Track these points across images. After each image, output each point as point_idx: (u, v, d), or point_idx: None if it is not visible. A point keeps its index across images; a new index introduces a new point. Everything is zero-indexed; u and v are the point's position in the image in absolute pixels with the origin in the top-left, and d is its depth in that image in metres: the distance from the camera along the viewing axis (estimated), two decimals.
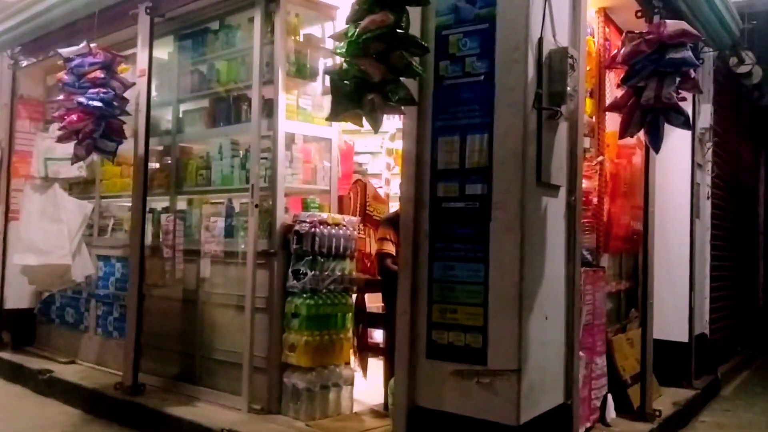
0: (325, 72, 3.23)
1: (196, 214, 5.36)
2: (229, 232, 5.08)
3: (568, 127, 3.59)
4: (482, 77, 3.30)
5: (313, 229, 4.60)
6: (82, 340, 6.48)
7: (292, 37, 4.91)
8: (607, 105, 4.46)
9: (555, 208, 3.51)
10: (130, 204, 6.19)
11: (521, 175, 3.18)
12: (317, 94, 5.07)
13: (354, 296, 5.03)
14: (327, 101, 5.04)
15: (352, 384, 4.81)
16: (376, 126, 3.10)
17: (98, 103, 4.71)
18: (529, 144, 3.21)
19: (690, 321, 5.98)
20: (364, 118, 3.18)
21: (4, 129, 7.17)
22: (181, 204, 5.60)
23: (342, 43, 3.06)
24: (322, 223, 4.66)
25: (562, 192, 3.58)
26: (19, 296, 7.08)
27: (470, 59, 3.34)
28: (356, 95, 3.03)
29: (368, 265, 5.65)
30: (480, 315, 3.23)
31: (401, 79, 3.14)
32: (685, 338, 5.98)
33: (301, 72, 4.96)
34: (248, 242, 4.72)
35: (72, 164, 5.27)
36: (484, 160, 3.27)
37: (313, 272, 4.59)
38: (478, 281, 3.25)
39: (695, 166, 6.09)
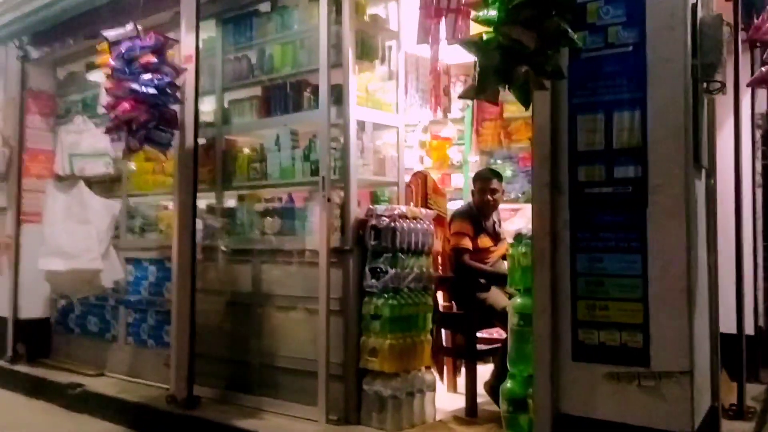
0: (463, 43, 2.89)
1: (250, 211, 4.96)
2: (290, 228, 4.71)
3: (707, 102, 3.33)
4: (630, 48, 3.00)
5: (393, 224, 4.26)
6: (110, 350, 6.02)
7: (359, 18, 4.57)
8: (750, 80, 4.22)
9: (701, 192, 3.25)
10: (164, 203, 5.85)
11: (684, 155, 2.89)
12: (384, 79, 4.73)
13: None
14: (392, 86, 4.78)
15: (434, 389, 4.48)
16: (527, 102, 2.79)
17: (153, 90, 4.29)
18: (690, 121, 2.93)
19: (755, 313, 5.79)
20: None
21: (13, 125, 6.66)
22: (230, 201, 5.21)
23: (485, 11, 2.73)
24: (402, 216, 4.33)
25: (704, 174, 3.32)
26: (32, 305, 6.58)
27: (614, 29, 3.05)
28: (504, 67, 2.71)
29: None
30: (639, 311, 2.93)
31: None
32: (750, 331, 5.78)
33: (368, 54, 4.63)
34: (320, 239, 4.36)
35: (123, 158, 4.83)
36: (636, 140, 2.97)
37: (394, 270, 4.25)
38: (634, 274, 2.95)
39: (754, 152, 5.91)
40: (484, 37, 2.79)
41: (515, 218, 6.32)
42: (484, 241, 4.81)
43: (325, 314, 4.32)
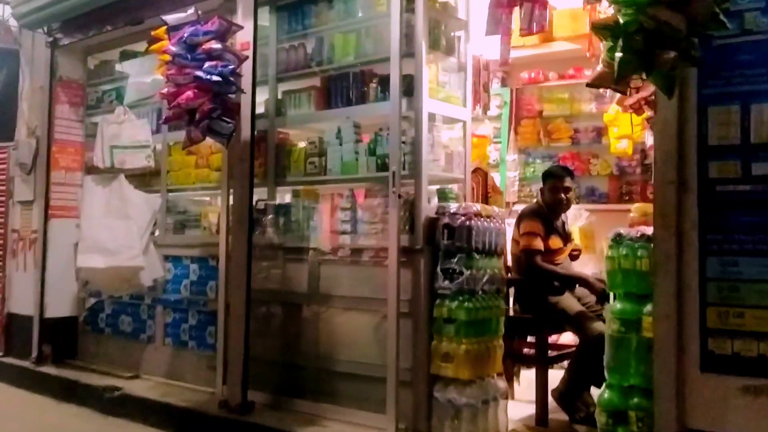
0: (596, 27, 2.67)
1: (307, 208, 4.73)
2: (353, 226, 4.49)
3: None
4: None
5: (468, 223, 4.05)
6: (146, 351, 5.76)
7: (431, 5, 4.35)
8: None
9: None
10: (207, 198, 5.63)
11: None
12: (453, 70, 4.52)
13: None
14: (460, 78, 4.57)
15: (506, 397, 4.26)
16: (671, 91, 2.58)
17: (217, 78, 4.04)
18: None
19: None
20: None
21: (41, 115, 6.39)
22: (281, 196, 4.98)
23: None
24: (477, 215, 4.11)
25: None
26: (59, 303, 6.31)
27: (752, 14, 2.84)
28: (647, 53, 2.50)
29: None
30: None
31: None
32: None
33: (438, 44, 4.40)
34: (390, 237, 4.13)
35: (183, 149, 4.57)
36: None
37: (469, 271, 4.03)
38: None
39: None
40: (620, 20, 2.57)
41: None
42: (555, 242, 4.60)
43: (396, 317, 4.09)
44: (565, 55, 6.97)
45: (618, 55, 2.51)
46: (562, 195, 4.61)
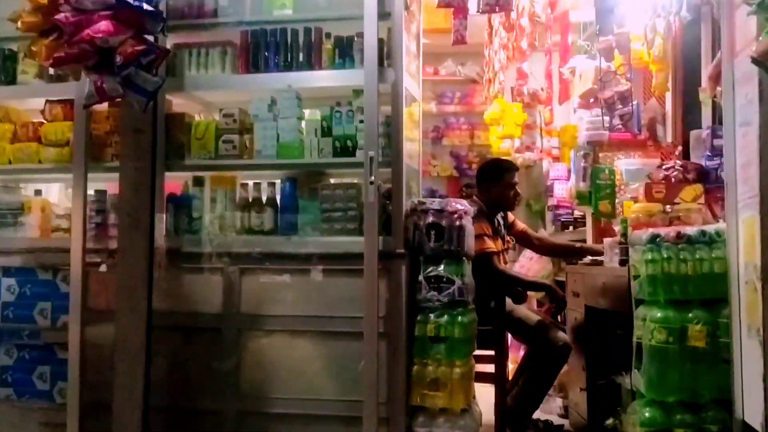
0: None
1: (218, 200, 3.59)
2: (290, 224, 3.52)
3: None
4: None
5: (459, 222, 3.41)
6: None
7: None
8: None
9: None
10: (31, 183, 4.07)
11: None
12: (414, 42, 3.83)
13: None
14: (415, 52, 3.92)
15: (481, 424, 3.69)
16: None
17: (149, 8, 2.78)
18: None
19: None
20: None
21: None
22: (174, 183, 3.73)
23: None
24: (466, 213, 3.49)
25: None
26: None
27: None
28: None
29: None
30: None
31: None
32: None
33: (408, 8, 3.68)
34: (366, 240, 3.27)
35: (87, 106, 3.03)
36: None
37: (461, 279, 3.40)
38: None
39: None
40: None
41: None
42: (498, 244, 4.16)
43: (374, 338, 3.24)
44: None
45: None
46: (518, 190, 4.20)
